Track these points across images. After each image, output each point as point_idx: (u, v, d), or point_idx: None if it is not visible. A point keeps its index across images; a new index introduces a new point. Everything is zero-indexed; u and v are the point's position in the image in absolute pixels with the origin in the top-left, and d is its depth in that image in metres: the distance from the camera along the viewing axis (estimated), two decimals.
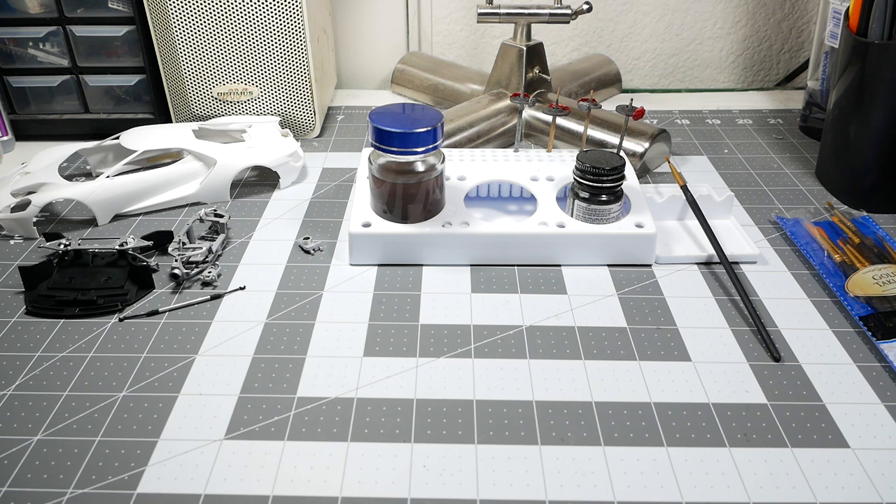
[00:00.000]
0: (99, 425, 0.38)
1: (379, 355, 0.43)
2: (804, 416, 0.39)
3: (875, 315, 0.45)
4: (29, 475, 0.35)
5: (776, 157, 0.68)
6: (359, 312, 0.47)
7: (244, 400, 0.40)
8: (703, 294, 0.48)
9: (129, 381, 0.41)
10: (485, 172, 0.56)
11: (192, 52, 0.67)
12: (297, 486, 0.34)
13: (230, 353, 0.43)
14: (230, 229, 0.56)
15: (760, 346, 0.44)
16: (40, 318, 0.46)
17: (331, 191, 0.62)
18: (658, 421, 0.38)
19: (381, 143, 0.48)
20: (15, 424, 0.38)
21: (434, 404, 0.39)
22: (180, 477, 0.35)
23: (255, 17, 0.65)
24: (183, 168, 0.59)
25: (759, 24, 0.90)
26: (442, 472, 0.35)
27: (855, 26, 0.56)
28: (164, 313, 0.47)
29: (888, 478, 0.35)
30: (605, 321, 0.46)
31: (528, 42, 0.71)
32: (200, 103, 0.70)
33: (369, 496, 0.34)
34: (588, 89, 0.79)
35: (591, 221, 0.51)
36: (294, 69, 0.68)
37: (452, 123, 0.67)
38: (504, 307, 0.47)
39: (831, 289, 0.48)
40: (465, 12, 0.88)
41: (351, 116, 0.79)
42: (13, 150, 0.71)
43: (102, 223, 0.57)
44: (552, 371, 0.42)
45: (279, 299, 0.48)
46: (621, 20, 0.89)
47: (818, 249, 0.52)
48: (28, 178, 0.56)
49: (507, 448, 0.36)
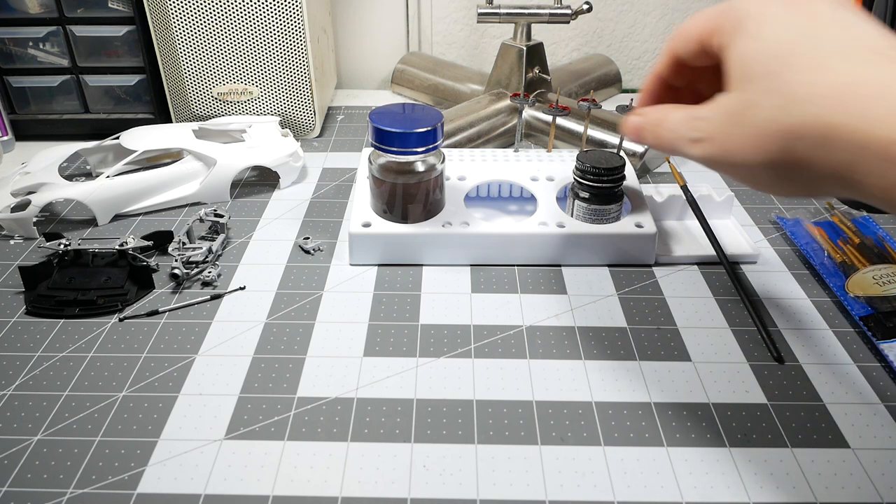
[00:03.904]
0: (99, 425, 0.38)
1: (379, 355, 0.43)
2: (804, 416, 0.39)
3: (875, 315, 0.45)
4: (29, 475, 0.35)
5: None
6: (359, 312, 0.47)
7: (244, 400, 0.40)
8: (703, 294, 0.48)
9: (129, 381, 0.41)
10: (485, 172, 0.56)
11: (192, 52, 0.67)
12: (297, 486, 0.34)
13: (230, 353, 0.43)
14: (230, 229, 0.56)
15: (760, 346, 0.44)
16: (40, 318, 0.46)
17: (331, 191, 0.62)
18: (658, 421, 0.38)
19: (381, 143, 0.48)
20: (15, 424, 0.38)
21: (434, 404, 0.39)
22: (180, 477, 0.35)
23: (255, 17, 0.65)
24: (183, 168, 0.59)
25: None
26: (442, 472, 0.35)
27: None
28: (164, 313, 0.47)
29: (888, 478, 0.35)
30: (605, 321, 0.46)
31: (528, 42, 0.71)
32: (200, 103, 0.70)
33: (369, 496, 0.34)
34: (588, 89, 0.79)
35: (591, 221, 0.51)
36: (294, 69, 0.68)
37: (452, 123, 0.67)
38: (504, 307, 0.47)
39: (831, 289, 0.48)
40: (465, 12, 0.88)
41: (351, 116, 0.79)
42: (13, 150, 0.71)
43: (102, 223, 0.57)
44: (552, 371, 0.42)
45: (279, 299, 0.48)
46: (621, 20, 0.89)
47: (818, 249, 0.52)
48: (28, 178, 0.56)
49: (507, 448, 0.36)
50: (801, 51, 0.26)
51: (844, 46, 0.26)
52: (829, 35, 0.26)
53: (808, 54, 0.26)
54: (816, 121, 0.25)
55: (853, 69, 0.25)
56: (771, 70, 0.27)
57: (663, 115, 0.33)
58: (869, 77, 0.25)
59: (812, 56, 0.26)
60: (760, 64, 0.28)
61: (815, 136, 0.25)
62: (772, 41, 0.28)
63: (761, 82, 0.27)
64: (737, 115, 0.28)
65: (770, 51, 0.27)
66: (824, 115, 0.25)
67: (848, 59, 0.26)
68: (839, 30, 0.27)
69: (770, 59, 0.27)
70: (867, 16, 0.28)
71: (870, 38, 0.26)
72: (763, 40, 0.28)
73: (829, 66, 0.26)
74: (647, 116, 0.34)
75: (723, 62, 0.30)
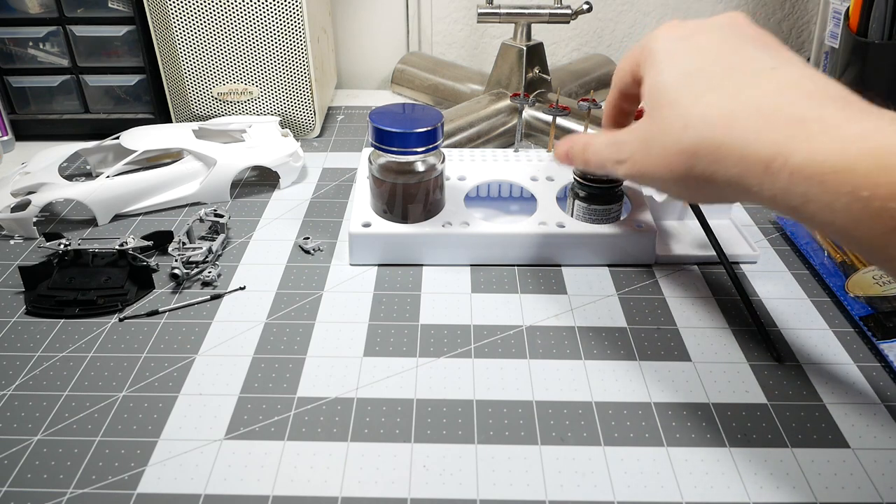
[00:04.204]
0: (99, 425, 0.38)
1: (379, 355, 0.43)
2: (804, 416, 0.39)
3: (875, 315, 0.45)
4: (29, 475, 0.35)
5: None
6: (359, 312, 0.47)
7: (244, 400, 0.40)
8: (703, 294, 0.48)
9: (129, 381, 0.41)
10: (485, 172, 0.56)
11: (192, 52, 0.67)
12: (297, 486, 0.34)
13: (230, 353, 0.43)
14: (230, 229, 0.56)
15: (760, 346, 0.44)
16: (40, 318, 0.46)
17: (331, 191, 0.62)
18: (658, 421, 0.38)
19: (381, 143, 0.48)
20: (15, 424, 0.38)
21: (434, 404, 0.39)
22: (180, 477, 0.35)
23: (255, 17, 0.65)
24: (183, 168, 0.59)
25: (760, 24, 0.89)
26: (442, 472, 0.35)
27: (855, 26, 0.56)
28: (164, 313, 0.47)
29: (888, 478, 0.35)
30: (605, 321, 0.46)
31: (528, 42, 0.71)
32: (200, 103, 0.70)
33: (369, 496, 0.34)
34: (588, 89, 0.79)
35: (591, 221, 0.51)
36: (294, 69, 0.68)
37: (452, 123, 0.67)
38: (504, 307, 0.47)
39: (831, 289, 0.48)
40: (465, 12, 0.88)
41: (351, 116, 0.79)
42: (13, 150, 0.71)
43: (102, 223, 0.57)
44: (552, 371, 0.42)
45: (279, 299, 0.48)
46: (621, 20, 0.89)
47: (818, 249, 0.52)
48: (28, 178, 0.56)
49: (507, 448, 0.36)
50: (694, 82, 0.31)
51: (725, 77, 0.31)
52: (716, 67, 0.31)
53: (699, 85, 0.31)
54: (709, 142, 0.30)
55: (733, 95, 0.30)
56: (671, 100, 0.32)
57: (588, 140, 0.38)
58: (744, 101, 0.29)
59: (703, 86, 0.31)
60: (664, 95, 0.32)
61: (710, 155, 0.30)
62: (673, 74, 0.32)
63: (665, 110, 0.32)
64: (648, 139, 0.33)
65: (671, 83, 0.32)
66: (715, 136, 0.30)
67: (727, 87, 0.30)
68: (724, 61, 0.31)
69: (671, 90, 0.32)
70: (756, 36, 0.33)
71: (748, 62, 0.31)
72: (666, 74, 0.33)
73: (715, 95, 0.30)
74: (575, 144, 0.39)
75: (641, 92, 0.36)
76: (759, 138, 0.28)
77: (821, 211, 0.27)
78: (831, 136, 0.27)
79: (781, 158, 0.27)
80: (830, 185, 0.26)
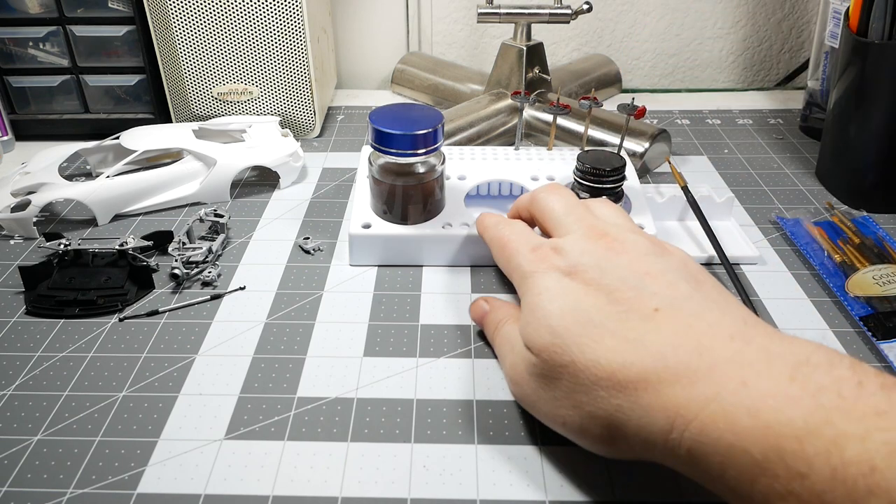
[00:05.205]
0: (99, 425, 0.38)
1: (379, 355, 0.43)
2: None
3: (875, 315, 0.45)
4: (29, 475, 0.35)
5: (776, 157, 0.68)
6: (359, 312, 0.47)
7: (244, 400, 0.40)
8: None
9: (129, 381, 0.41)
10: (485, 171, 0.56)
11: (192, 52, 0.67)
12: (297, 486, 0.34)
13: (230, 353, 0.43)
14: (230, 229, 0.56)
15: None
16: (40, 318, 0.46)
17: (331, 191, 0.62)
18: None
19: (381, 144, 0.48)
20: (15, 424, 0.38)
21: (434, 404, 0.39)
22: (180, 477, 0.35)
23: (255, 17, 0.65)
24: (183, 168, 0.59)
25: (759, 24, 0.90)
26: (442, 472, 0.35)
27: (855, 26, 0.56)
28: (164, 313, 0.47)
29: None
30: None
31: (528, 42, 0.71)
32: (200, 103, 0.70)
33: (369, 496, 0.34)
34: (588, 89, 0.79)
35: None
36: (294, 69, 0.68)
37: (452, 123, 0.67)
38: None
39: (831, 289, 0.48)
40: (465, 12, 0.88)
41: (351, 116, 0.79)
42: (13, 150, 0.71)
43: (102, 223, 0.57)
44: None
45: (279, 299, 0.48)
46: (621, 20, 0.89)
47: (818, 249, 0.52)
48: (28, 178, 0.56)
49: (507, 448, 0.36)
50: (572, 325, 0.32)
51: (592, 319, 0.32)
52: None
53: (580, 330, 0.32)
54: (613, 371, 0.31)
55: (599, 334, 0.31)
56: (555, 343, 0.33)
57: (503, 320, 0.40)
58: (611, 329, 0.31)
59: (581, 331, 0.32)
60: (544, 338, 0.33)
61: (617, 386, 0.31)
62: (554, 315, 0.33)
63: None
64: (535, 376, 0.34)
65: (553, 324, 0.33)
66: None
67: (594, 333, 0.31)
68: (591, 300, 0.33)
69: (553, 333, 0.33)
70: (624, 256, 0.34)
71: (623, 292, 0.32)
72: (547, 316, 0.33)
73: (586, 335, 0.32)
74: (492, 315, 0.42)
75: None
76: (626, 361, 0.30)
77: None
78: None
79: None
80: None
